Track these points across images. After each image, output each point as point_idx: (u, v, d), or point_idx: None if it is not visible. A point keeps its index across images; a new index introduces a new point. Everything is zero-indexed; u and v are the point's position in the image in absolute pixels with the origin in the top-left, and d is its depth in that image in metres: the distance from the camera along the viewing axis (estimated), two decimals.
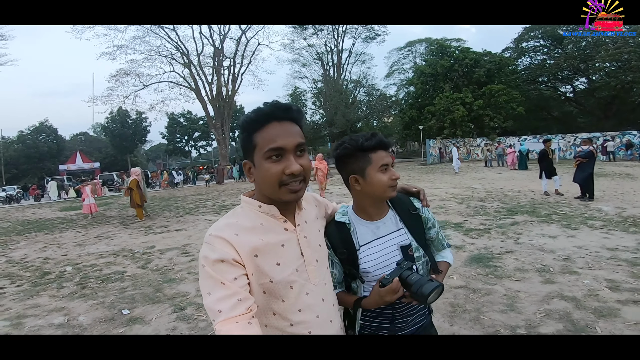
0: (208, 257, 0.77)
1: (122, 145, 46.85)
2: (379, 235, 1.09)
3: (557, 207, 6.77)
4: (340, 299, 1.10)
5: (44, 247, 6.36)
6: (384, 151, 1.07)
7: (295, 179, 0.83)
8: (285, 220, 0.88)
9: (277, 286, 0.83)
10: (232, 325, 0.72)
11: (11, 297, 3.77)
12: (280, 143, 0.81)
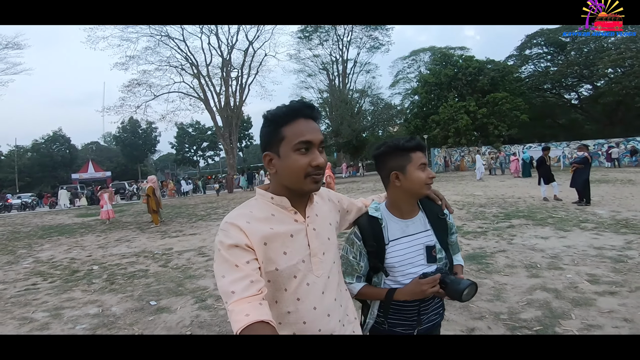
0: (223, 242, 0.83)
1: (133, 155, 47.96)
2: (407, 233, 1.17)
3: (553, 212, 7.05)
4: (366, 292, 1.19)
5: (69, 249, 6.84)
6: (421, 152, 1.16)
7: (318, 171, 0.89)
8: (295, 212, 0.94)
9: (281, 274, 0.88)
10: (245, 305, 0.76)
11: (46, 292, 4.19)
12: (309, 137, 0.88)
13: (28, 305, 3.71)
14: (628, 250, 4.14)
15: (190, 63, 29.92)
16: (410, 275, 1.15)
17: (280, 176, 0.91)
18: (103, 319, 3.25)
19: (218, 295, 3.63)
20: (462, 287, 1.01)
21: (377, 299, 1.20)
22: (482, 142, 28.85)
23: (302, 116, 0.90)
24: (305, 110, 0.91)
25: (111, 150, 56.55)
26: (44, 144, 46.54)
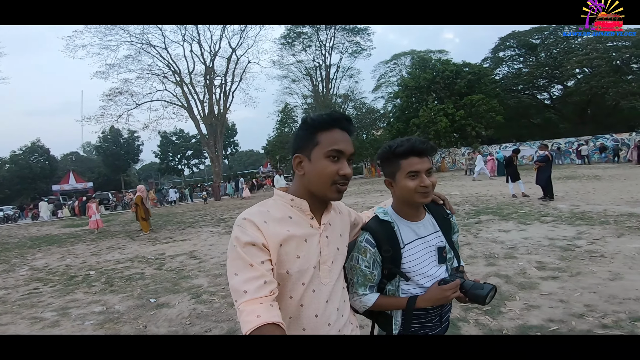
0: (240, 238, 0.83)
1: (115, 165, 47.19)
2: (420, 235, 1.15)
3: (519, 207, 7.68)
4: (382, 303, 1.15)
5: (62, 257, 7.03)
6: (416, 157, 1.09)
7: (344, 181, 0.92)
8: (312, 217, 0.95)
9: (291, 278, 0.88)
10: (256, 306, 0.76)
11: (49, 295, 4.45)
12: (342, 147, 0.91)
13: (35, 307, 3.99)
14: (577, 240, 4.70)
15: (173, 71, 29.89)
16: (427, 277, 1.13)
17: (308, 179, 0.93)
18: (108, 315, 3.57)
19: (212, 291, 4.02)
20: (486, 292, 1.04)
21: (395, 308, 1.16)
22: (461, 144, 29.95)
23: (339, 127, 0.93)
24: (343, 122, 0.94)
25: (92, 160, 55.45)
26: (22, 155, 45.31)
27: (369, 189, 17.55)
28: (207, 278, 4.59)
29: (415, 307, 1.11)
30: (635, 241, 4.36)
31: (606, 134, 23.71)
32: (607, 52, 26.42)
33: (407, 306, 1.11)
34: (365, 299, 1.14)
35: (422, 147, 1.09)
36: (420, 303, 1.11)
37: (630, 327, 2.42)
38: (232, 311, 3.38)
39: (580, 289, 3.13)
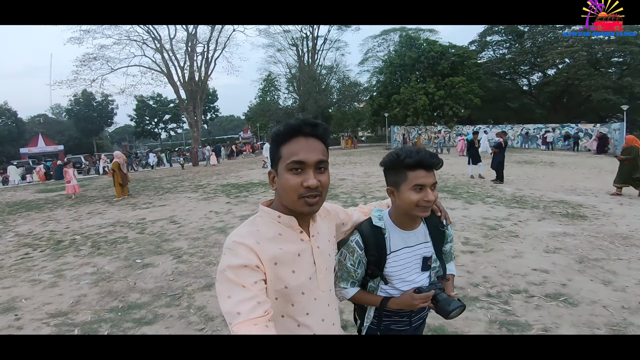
0: (232, 264, 0.81)
1: (87, 128, 45.53)
2: (408, 244, 1.19)
3: (471, 188, 8.58)
4: (359, 298, 1.23)
5: (44, 223, 7.37)
6: (424, 170, 1.09)
7: (312, 193, 0.87)
8: (301, 231, 0.95)
9: (290, 292, 0.90)
10: (250, 328, 0.75)
11: (41, 259, 4.90)
12: (302, 157, 0.87)
13: (31, 270, 4.44)
14: (505, 221, 5.54)
15: (153, 37, 28.60)
16: (406, 282, 1.19)
17: (280, 194, 0.93)
18: (100, 275, 4.11)
19: (192, 252, 4.63)
20: (451, 309, 1.07)
21: (371, 305, 1.24)
22: (438, 122, 30.94)
23: (301, 134, 0.89)
24: (304, 128, 0.89)
25: (61, 123, 53.02)
26: None
27: (344, 161, 18.27)
28: (187, 241, 5.19)
29: (387, 307, 1.20)
30: (550, 226, 5.23)
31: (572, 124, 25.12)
32: (591, 45, 27.24)
33: (380, 305, 1.20)
34: (345, 292, 1.23)
35: (431, 161, 1.09)
36: (392, 305, 1.18)
37: (506, 297, 3.04)
38: (209, 269, 4.02)
39: (487, 263, 3.90)
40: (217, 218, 6.66)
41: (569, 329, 2.57)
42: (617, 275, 3.42)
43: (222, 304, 0.80)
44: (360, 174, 12.45)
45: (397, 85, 31.97)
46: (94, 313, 3.17)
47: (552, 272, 3.53)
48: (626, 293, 3.06)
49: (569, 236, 4.66)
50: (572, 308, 2.85)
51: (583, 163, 14.48)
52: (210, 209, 7.58)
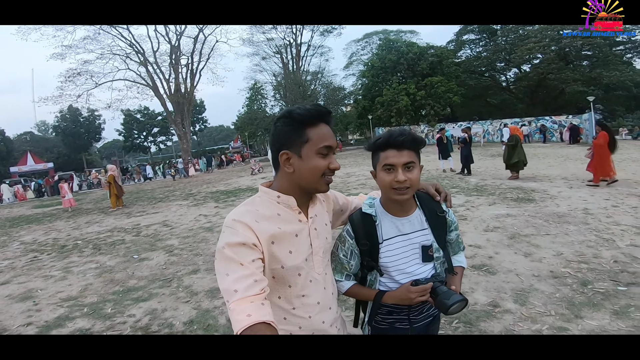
0: (230, 241, 0.84)
1: (75, 144, 45.70)
2: (403, 232, 1.13)
3: (440, 181, 9.34)
4: (355, 292, 1.18)
5: (46, 232, 7.94)
6: (394, 150, 1.06)
7: (333, 173, 0.97)
8: (299, 212, 0.97)
9: (287, 272, 0.92)
10: (247, 305, 0.76)
11: (49, 260, 5.50)
12: (332, 143, 0.95)
13: (42, 269, 5.03)
14: (460, 207, 6.24)
15: (136, 51, 29.21)
16: (405, 274, 1.13)
17: (299, 176, 0.94)
18: (103, 269, 4.73)
19: (182, 247, 5.27)
20: (450, 303, 1.00)
21: (365, 299, 1.20)
22: (420, 121, 31.98)
23: (325, 122, 0.96)
24: (328, 116, 0.97)
25: (49, 140, 53.01)
26: None
27: None
28: (178, 239, 5.84)
29: (382, 302, 1.13)
30: (498, 209, 5.95)
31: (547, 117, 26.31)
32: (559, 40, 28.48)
33: (374, 300, 1.14)
34: (340, 285, 1.17)
35: (400, 139, 1.05)
36: (387, 299, 1.12)
37: None
38: (197, 259, 4.67)
39: None
40: (205, 220, 7.30)
41: (481, 292, 2.99)
42: (540, 248, 4.01)
43: (220, 281, 0.82)
44: (342, 174, 13.17)
45: (380, 87, 32.98)
46: (100, 296, 3.80)
47: (483, 247, 4.19)
48: (541, 263, 3.53)
49: (510, 217, 5.40)
50: (490, 276, 3.34)
51: (553, 153, 15.39)
52: (199, 213, 8.22)
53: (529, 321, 2.54)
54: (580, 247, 3.88)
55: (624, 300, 2.71)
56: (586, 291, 2.89)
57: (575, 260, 3.55)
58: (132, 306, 3.45)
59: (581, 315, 2.55)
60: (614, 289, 2.88)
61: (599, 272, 3.23)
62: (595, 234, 4.28)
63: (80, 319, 3.28)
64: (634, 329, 2.31)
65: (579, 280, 3.08)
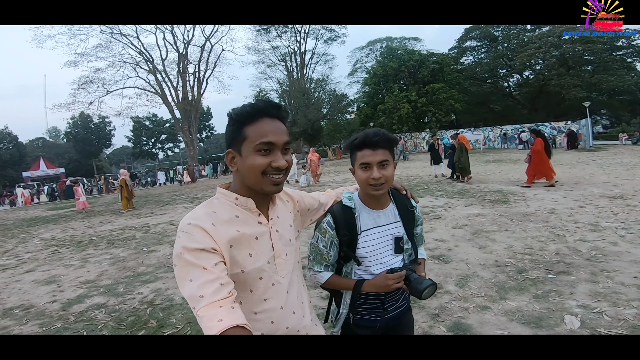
0: (187, 246, 0.79)
1: (86, 150, 47.09)
2: (379, 224, 1.22)
3: (429, 185, 9.91)
4: (334, 282, 1.24)
5: (63, 231, 8.67)
6: (369, 149, 1.14)
7: (279, 172, 0.91)
8: (259, 214, 0.95)
9: (247, 276, 0.89)
10: (216, 310, 0.73)
11: (68, 252, 6.18)
12: (272, 139, 0.88)
13: (63, 260, 5.71)
14: (439, 208, 6.80)
15: (145, 59, 30.36)
16: (379, 264, 1.21)
17: (242, 175, 0.92)
18: (116, 259, 5.39)
19: None
20: (423, 287, 1.10)
21: (345, 289, 1.25)
22: (422, 129, 32.46)
23: (266, 116, 0.90)
24: (270, 110, 0.91)
25: (60, 146, 54.60)
26: None
27: (330, 170, 19.67)
28: None
29: (361, 290, 1.19)
30: (472, 209, 6.49)
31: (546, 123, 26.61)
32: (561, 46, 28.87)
33: (354, 288, 1.20)
34: (319, 276, 1.23)
35: (374, 139, 1.12)
36: (366, 287, 1.18)
37: None
38: None
39: None
40: None
41: (432, 277, 3.16)
42: (495, 242, 4.50)
43: (183, 288, 0.78)
44: (340, 180, 13.78)
45: (382, 95, 33.60)
46: (113, 279, 4.44)
47: (447, 241, 4.71)
48: (491, 254, 3.99)
49: (480, 216, 5.94)
50: (443, 264, 3.81)
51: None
52: None
53: (461, 301, 2.96)
54: (531, 242, 4.40)
55: (549, 286, 3.09)
56: (519, 278, 3.34)
57: (522, 252, 4.06)
58: (141, 286, 4.08)
59: (506, 297, 2.95)
60: (544, 277, 3.30)
61: (538, 262, 3.71)
62: (550, 230, 4.81)
63: (97, 296, 3.92)
64: (546, 311, 2.68)
65: (516, 269, 3.56)
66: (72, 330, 3.14)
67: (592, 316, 2.57)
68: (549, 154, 8.21)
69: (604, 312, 2.60)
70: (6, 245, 7.58)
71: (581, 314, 2.61)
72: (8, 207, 22.79)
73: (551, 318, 2.58)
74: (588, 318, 2.55)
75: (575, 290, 2.99)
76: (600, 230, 4.62)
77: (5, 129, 45.50)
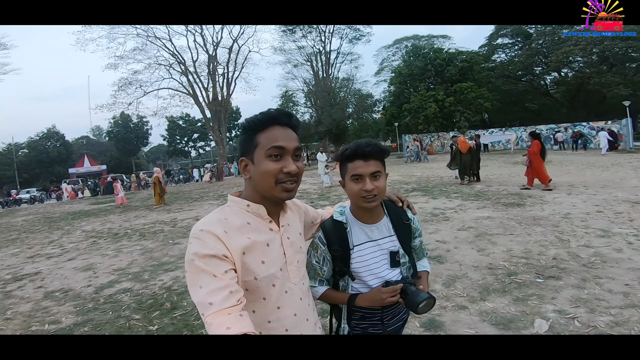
0: (199, 252, 0.80)
1: (126, 148, 50.08)
2: (372, 238, 1.19)
3: (447, 187, 9.89)
4: (329, 296, 1.22)
5: (102, 224, 9.59)
6: (361, 160, 1.12)
7: (291, 179, 0.92)
8: (270, 221, 0.95)
9: (260, 284, 0.89)
10: (224, 318, 0.74)
11: (105, 243, 6.93)
12: (282, 143, 0.90)
13: (100, 250, 6.44)
14: (450, 210, 6.87)
15: (178, 61, 31.95)
16: (376, 278, 1.19)
17: (254, 182, 0.94)
18: (145, 250, 6.00)
19: None
20: (419, 300, 1.06)
21: (339, 303, 1.23)
22: (450, 128, 31.66)
23: (277, 124, 0.92)
24: (281, 117, 0.93)
25: (102, 144, 58.26)
26: (39, 140, 48.21)
27: None
28: None
29: (355, 304, 1.18)
30: (483, 212, 6.49)
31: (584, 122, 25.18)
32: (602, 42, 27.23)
33: (348, 303, 1.19)
34: (314, 291, 1.21)
35: (367, 149, 1.11)
36: (360, 301, 1.17)
37: None
38: None
39: None
40: None
41: None
42: (496, 245, 4.46)
43: (193, 294, 0.79)
44: None
45: (407, 94, 33.20)
46: (141, 268, 4.99)
47: (447, 243, 4.82)
48: (487, 257, 4.05)
49: (489, 219, 5.96)
50: (437, 265, 3.91)
51: (579, 160, 15.00)
52: None
53: (443, 299, 3.08)
54: (532, 246, 4.43)
55: (532, 290, 3.14)
56: (506, 280, 3.38)
57: (519, 256, 4.10)
58: (163, 274, 4.60)
59: (486, 298, 3.04)
60: (532, 281, 3.34)
61: (532, 266, 3.74)
62: (556, 235, 4.78)
63: (125, 282, 4.46)
64: (520, 313, 2.76)
65: (507, 272, 3.62)
66: (100, 311, 3.66)
67: (564, 321, 2.63)
68: (543, 158, 8.40)
69: (577, 318, 2.65)
70: (52, 236, 8.54)
71: (553, 318, 2.68)
72: (55, 201, 24.93)
73: (522, 321, 2.68)
74: (559, 323, 2.61)
75: (557, 295, 3.04)
76: (609, 237, 4.56)
77: (53, 128, 49.36)
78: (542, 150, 8.33)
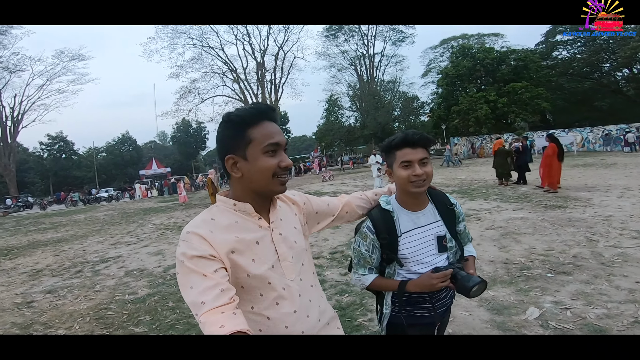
0: (187, 253, 0.80)
1: (187, 152, 54.52)
2: (419, 225, 1.24)
3: (490, 189, 9.75)
4: (378, 283, 1.28)
5: (168, 219, 11.13)
6: (409, 148, 1.18)
7: (285, 172, 0.93)
8: (259, 218, 0.94)
9: (254, 280, 0.89)
10: (218, 316, 0.73)
11: (171, 234, 8.18)
12: (278, 139, 0.91)
13: (167, 239, 7.68)
14: (484, 211, 6.94)
15: (230, 69, 34.45)
16: (423, 264, 1.23)
17: (248, 179, 0.92)
18: None
19: None
20: (471, 285, 1.07)
21: (390, 290, 1.27)
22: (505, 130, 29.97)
23: (267, 118, 0.92)
24: (270, 112, 0.93)
25: (167, 148, 63.92)
26: (115, 145, 54.44)
27: None
28: None
29: (405, 290, 1.21)
30: (517, 213, 6.49)
31: None
32: None
33: (398, 289, 1.23)
34: (364, 279, 1.28)
35: (415, 138, 1.18)
36: (410, 287, 1.21)
37: None
38: None
39: None
40: None
41: None
42: (519, 243, 4.51)
43: (185, 295, 0.79)
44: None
45: (456, 96, 32.11)
46: None
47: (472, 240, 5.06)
48: (507, 253, 4.11)
49: (522, 220, 5.96)
50: None
51: None
52: None
53: None
54: (556, 245, 4.48)
55: (538, 283, 3.22)
56: (517, 274, 3.48)
57: (540, 253, 4.20)
58: None
59: (490, 288, 3.10)
60: (542, 275, 3.42)
61: (548, 262, 3.81)
62: (586, 236, 4.74)
63: None
64: (517, 302, 2.90)
65: (521, 267, 3.74)
66: (167, 285, 4.54)
67: (557, 311, 2.74)
68: (561, 159, 8.49)
69: (571, 309, 2.75)
70: (129, 228, 10.13)
71: (547, 308, 2.80)
72: (128, 199, 28.33)
73: (517, 308, 2.83)
74: (551, 312, 2.74)
75: (561, 289, 3.14)
76: None
77: (126, 133, 55.50)
78: (560, 152, 8.44)
